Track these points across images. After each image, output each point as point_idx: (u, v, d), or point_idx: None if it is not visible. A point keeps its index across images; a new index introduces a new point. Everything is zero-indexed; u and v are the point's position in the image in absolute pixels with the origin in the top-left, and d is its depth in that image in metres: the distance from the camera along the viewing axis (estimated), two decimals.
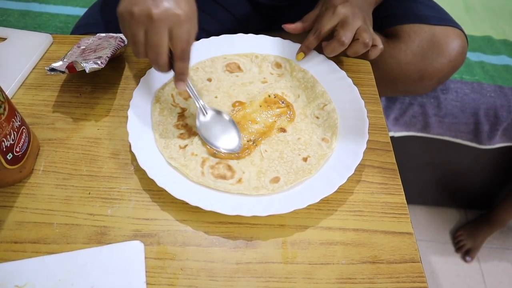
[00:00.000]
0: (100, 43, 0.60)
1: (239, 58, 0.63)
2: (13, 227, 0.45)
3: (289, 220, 0.47)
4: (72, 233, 0.45)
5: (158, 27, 0.43)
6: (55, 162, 0.51)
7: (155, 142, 0.51)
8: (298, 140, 0.53)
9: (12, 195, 0.48)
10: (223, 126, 0.53)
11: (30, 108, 0.56)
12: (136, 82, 0.56)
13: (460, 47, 0.74)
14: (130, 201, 0.48)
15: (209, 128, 0.53)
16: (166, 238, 0.45)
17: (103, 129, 0.55)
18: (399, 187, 0.51)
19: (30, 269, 0.42)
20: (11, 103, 0.46)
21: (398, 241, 0.46)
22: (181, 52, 0.46)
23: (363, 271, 0.44)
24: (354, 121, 0.54)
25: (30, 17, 1.00)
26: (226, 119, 0.54)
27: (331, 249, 0.45)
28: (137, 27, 0.44)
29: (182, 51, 0.46)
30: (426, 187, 1.28)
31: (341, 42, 0.56)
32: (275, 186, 0.48)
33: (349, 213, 0.48)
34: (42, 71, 0.61)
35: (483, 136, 1.01)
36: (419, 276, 0.44)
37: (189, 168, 0.49)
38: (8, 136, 0.44)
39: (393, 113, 1.00)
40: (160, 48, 0.45)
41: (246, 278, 0.43)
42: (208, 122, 0.53)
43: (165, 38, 0.44)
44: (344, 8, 0.57)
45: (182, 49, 0.46)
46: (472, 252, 1.27)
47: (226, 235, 0.46)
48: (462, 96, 0.97)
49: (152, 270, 0.43)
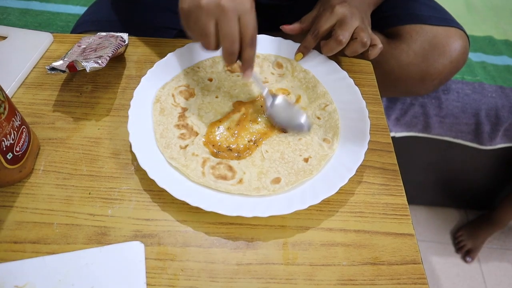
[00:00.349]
0: (101, 42, 0.60)
1: None
2: (13, 227, 0.45)
3: (290, 221, 0.47)
4: (72, 233, 0.45)
5: (230, 16, 0.45)
6: (55, 162, 0.51)
7: (155, 142, 0.51)
8: (299, 140, 0.53)
9: (12, 195, 0.47)
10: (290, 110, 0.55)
11: (30, 107, 0.56)
12: (136, 82, 0.55)
13: (462, 48, 0.74)
14: (131, 201, 0.48)
15: (279, 113, 0.55)
16: (166, 238, 0.45)
17: (103, 129, 0.54)
18: (400, 188, 0.51)
19: (30, 269, 0.41)
20: (11, 103, 0.45)
21: (399, 242, 0.46)
22: (251, 38, 0.48)
23: (364, 272, 0.44)
24: (356, 122, 0.54)
25: (31, 15, 1.00)
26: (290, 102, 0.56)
27: (332, 250, 0.45)
28: (208, 18, 0.46)
29: (252, 37, 0.48)
30: (426, 187, 1.28)
31: (338, 41, 0.56)
32: (276, 187, 0.48)
33: (350, 214, 0.48)
34: (43, 70, 0.61)
35: (484, 137, 1.01)
36: (420, 277, 0.44)
37: (190, 168, 0.48)
38: (8, 135, 0.44)
39: (394, 113, 1.00)
40: (234, 36, 0.47)
41: (247, 279, 0.42)
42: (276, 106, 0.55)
43: (237, 26, 0.46)
44: (342, 8, 0.57)
45: (252, 35, 0.48)
46: (473, 253, 1.27)
47: (227, 236, 0.46)
48: (463, 96, 0.97)
49: (153, 270, 0.42)
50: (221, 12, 0.45)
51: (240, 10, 0.46)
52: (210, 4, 0.45)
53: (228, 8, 0.45)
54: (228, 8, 0.45)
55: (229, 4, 0.45)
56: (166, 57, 0.59)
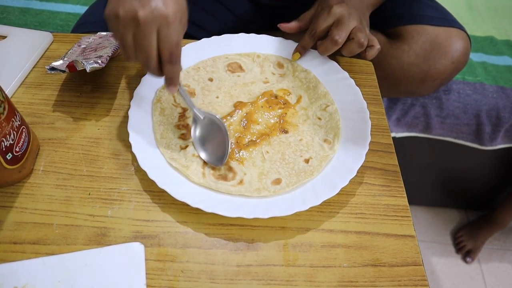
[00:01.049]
0: (101, 42, 0.60)
1: (240, 58, 0.62)
2: (13, 228, 0.45)
3: (291, 222, 0.47)
4: (72, 234, 0.44)
5: (145, 30, 0.41)
6: (55, 162, 0.51)
7: (155, 143, 0.51)
8: (300, 141, 0.53)
9: (12, 195, 0.47)
10: (215, 135, 0.51)
11: (30, 107, 0.56)
12: (137, 82, 0.55)
13: (463, 48, 0.73)
14: (131, 202, 0.47)
15: (201, 135, 0.51)
16: (166, 239, 0.45)
17: (103, 129, 0.54)
18: (401, 190, 0.51)
19: (29, 270, 0.41)
20: (11, 103, 0.45)
21: (400, 244, 0.46)
22: (169, 54, 0.43)
23: (364, 274, 0.43)
24: (357, 123, 0.54)
25: (31, 14, 1.00)
26: (219, 126, 0.51)
27: (332, 251, 0.45)
28: (125, 30, 0.42)
29: (171, 53, 0.43)
30: (427, 188, 1.28)
31: (334, 41, 0.56)
32: (277, 188, 0.48)
33: (351, 216, 0.48)
34: (42, 69, 0.61)
35: (485, 137, 1.01)
36: (421, 279, 0.43)
37: (190, 169, 0.48)
38: (7, 135, 0.43)
39: (395, 113, 0.99)
40: (148, 51, 0.42)
41: (247, 280, 0.42)
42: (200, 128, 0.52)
43: (153, 40, 0.42)
44: (340, 8, 0.56)
45: (171, 51, 0.43)
46: (473, 253, 1.27)
47: (227, 237, 0.45)
48: (464, 97, 0.97)
49: (152, 272, 0.42)
50: (136, 25, 0.41)
51: (159, 23, 0.41)
52: (126, 15, 0.41)
53: (143, 21, 0.40)
54: (144, 21, 0.40)
55: (145, 17, 0.40)
56: None
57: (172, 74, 0.45)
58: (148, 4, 0.40)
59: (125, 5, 0.41)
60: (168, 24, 0.41)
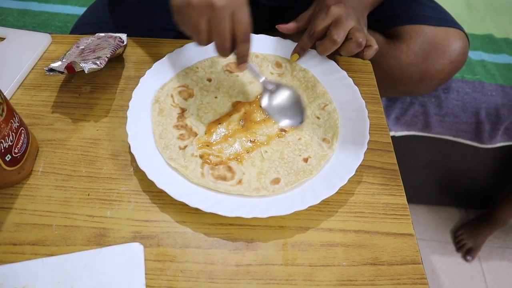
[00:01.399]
0: (99, 43, 0.60)
1: None
2: (12, 229, 0.45)
3: (290, 221, 0.47)
4: (71, 235, 0.45)
5: (222, 14, 0.45)
6: (54, 163, 0.51)
7: (154, 143, 0.51)
8: (299, 140, 0.53)
9: (11, 196, 0.47)
10: (287, 100, 0.56)
11: (28, 108, 0.56)
12: (135, 83, 0.55)
13: (462, 48, 0.74)
14: (130, 203, 0.47)
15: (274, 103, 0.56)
16: (165, 240, 0.45)
17: (102, 130, 0.54)
18: (400, 188, 0.51)
19: (29, 271, 0.41)
20: (10, 104, 0.45)
21: (399, 242, 0.46)
22: (244, 34, 0.48)
23: (364, 273, 0.44)
24: (355, 122, 0.54)
25: (30, 16, 1.00)
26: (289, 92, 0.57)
27: (331, 250, 0.45)
28: (199, 16, 0.45)
29: (245, 33, 0.48)
30: (426, 186, 1.28)
31: (333, 41, 0.56)
32: (276, 187, 0.48)
33: (350, 215, 0.48)
34: (41, 71, 0.61)
35: (484, 136, 1.01)
36: (420, 277, 0.43)
37: (189, 169, 0.48)
38: (6, 137, 0.43)
39: (394, 112, 1.00)
40: (225, 33, 0.47)
41: (247, 280, 0.42)
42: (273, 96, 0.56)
43: (229, 24, 0.46)
44: (338, 8, 0.57)
45: (245, 31, 0.48)
46: (473, 251, 1.27)
47: (226, 237, 0.45)
48: (463, 95, 0.97)
49: (152, 272, 0.42)
50: (212, 11, 0.45)
51: (233, 6, 0.45)
52: (200, 3, 0.44)
53: (219, 5, 0.44)
54: (219, 5, 0.44)
55: (220, 2, 0.44)
56: (165, 58, 0.59)
57: (245, 52, 0.50)
58: None
59: None
60: (241, 7, 0.46)
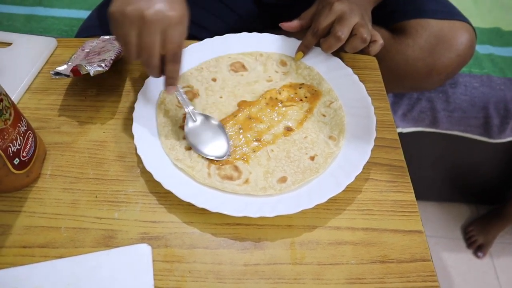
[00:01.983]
0: (104, 45, 0.60)
1: (243, 57, 0.62)
2: (22, 232, 0.45)
3: (297, 220, 0.47)
4: (79, 237, 0.45)
5: (151, 28, 0.42)
6: (61, 166, 0.51)
7: (160, 144, 0.51)
8: (305, 138, 0.53)
9: (20, 199, 0.48)
10: (212, 132, 0.52)
11: (36, 112, 0.57)
12: (140, 84, 0.56)
13: (468, 41, 0.73)
14: (137, 204, 0.48)
15: (198, 134, 0.52)
16: (173, 240, 0.45)
17: (108, 132, 0.55)
18: (408, 185, 0.50)
19: (39, 273, 0.42)
20: (17, 108, 0.46)
21: (408, 239, 0.46)
22: (173, 54, 0.45)
23: (372, 270, 0.43)
24: (361, 119, 0.53)
25: (35, 21, 1.00)
26: (215, 125, 0.53)
27: (340, 249, 0.45)
28: (130, 27, 0.43)
29: (174, 53, 0.45)
30: (435, 183, 1.27)
31: (337, 38, 0.56)
32: (283, 186, 0.47)
33: (358, 212, 0.48)
34: (47, 75, 0.61)
35: (493, 130, 0.99)
36: (430, 275, 0.43)
37: (196, 169, 0.48)
38: (14, 141, 0.44)
39: (401, 108, 0.99)
40: (152, 49, 0.44)
41: (255, 279, 0.42)
42: (197, 127, 0.52)
43: (157, 39, 0.43)
44: (341, 4, 0.56)
45: (174, 51, 0.45)
46: (484, 248, 1.26)
47: (234, 237, 0.45)
48: (471, 90, 0.95)
49: (160, 272, 0.42)
50: (142, 23, 0.42)
51: (165, 24, 0.43)
52: (134, 13, 0.42)
53: (149, 20, 0.42)
54: (150, 20, 0.42)
55: (152, 17, 0.42)
56: None
57: (173, 74, 0.48)
58: (155, 5, 0.42)
59: (132, 3, 0.42)
60: (174, 25, 0.43)
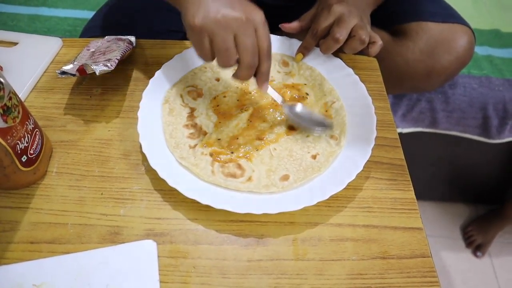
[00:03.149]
0: (109, 45, 0.61)
1: None
2: (29, 228, 0.46)
3: (299, 217, 0.47)
4: (86, 233, 0.46)
5: (249, 29, 0.45)
6: (67, 164, 0.52)
7: (165, 142, 0.52)
8: (307, 137, 0.54)
9: (27, 196, 0.49)
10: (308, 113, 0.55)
11: (42, 111, 0.57)
12: (145, 84, 0.56)
13: (468, 44, 0.74)
14: (142, 201, 0.49)
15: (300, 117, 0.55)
16: (178, 237, 0.46)
17: (114, 131, 0.55)
18: (408, 183, 0.51)
19: (46, 268, 0.43)
20: (25, 106, 0.46)
21: (408, 236, 0.47)
22: (267, 50, 0.48)
23: (373, 266, 0.44)
24: (362, 118, 0.54)
25: (40, 21, 1.01)
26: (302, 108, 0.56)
27: (341, 245, 0.46)
28: (226, 32, 0.45)
29: (268, 50, 0.48)
30: (435, 183, 1.28)
31: (335, 39, 0.57)
32: (285, 184, 0.48)
33: (359, 210, 0.49)
34: (53, 74, 0.62)
35: (492, 131, 1.00)
36: (430, 270, 0.44)
37: (200, 167, 0.49)
38: (22, 138, 0.45)
39: (400, 109, 1.00)
40: (254, 48, 0.46)
41: (258, 275, 0.43)
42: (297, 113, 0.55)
43: (255, 39, 0.46)
44: (340, 6, 0.57)
45: (268, 47, 0.48)
46: (483, 247, 1.27)
47: (237, 233, 0.46)
48: (470, 90, 0.96)
49: (165, 268, 0.43)
50: (240, 25, 0.45)
51: (256, 23, 0.45)
52: (228, 18, 0.44)
53: (246, 21, 0.45)
54: (247, 21, 0.45)
55: (246, 17, 0.45)
56: (174, 59, 0.60)
57: (268, 69, 0.50)
58: (243, 8, 0.45)
59: (219, 11, 0.44)
60: (263, 23, 0.46)
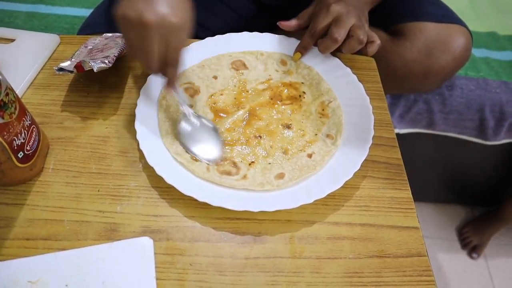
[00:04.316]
0: (107, 42, 0.61)
1: (244, 56, 0.63)
2: (25, 224, 0.46)
3: (296, 215, 0.47)
4: (82, 229, 0.46)
5: (150, 34, 0.43)
6: (64, 161, 0.52)
7: (162, 139, 0.52)
8: (303, 137, 0.54)
9: (24, 193, 0.48)
10: (207, 135, 0.53)
11: (39, 107, 0.57)
12: (143, 81, 0.56)
13: (465, 44, 0.74)
14: (139, 198, 0.48)
15: (192, 135, 0.52)
16: (175, 234, 0.46)
17: (111, 128, 0.55)
18: (405, 182, 0.51)
19: (42, 265, 0.42)
20: (22, 103, 0.46)
21: (404, 235, 0.47)
22: (172, 60, 0.46)
23: (370, 265, 0.44)
24: (360, 118, 0.54)
25: (37, 18, 1.01)
26: (210, 128, 0.53)
27: (338, 243, 0.46)
28: (131, 31, 0.44)
29: (174, 59, 0.46)
30: (431, 184, 1.28)
31: (333, 39, 0.57)
32: (280, 182, 0.48)
33: (356, 208, 0.49)
34: (51, 71, 0.62)
35: (489, 132, 1.01)
36: (426, 269, 0.44)
37: (195, 164, 0.49)
38: (19, 134, 0.45)
39: (398, 110, 1.00)
40: (151, 54, 0.44)
41: (255, 272, 0.43)
42: (191, 128, 0.53)
43: (156, 44, 0.44)
44: (338, 6, 0.57)
45: (175, 58, 0.46)
46: (479, 249, 1.27)
47: (234, 231, 0.46)
48: (467, 92, 0.97)
49: (162, 265, 0.43)
50: (142, 29, 0.42)
51: (166, 30, 0.43)
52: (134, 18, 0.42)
53: (150, 25, 0.42)
54: (150, 25, 0.42)
55: (152, 22, 0.42)
56: None
57: (172, 77, 0.49)
58: (157, 10, 0.42)
59: (134, 8, 0.42)
60: (174, 32, 0.44)
